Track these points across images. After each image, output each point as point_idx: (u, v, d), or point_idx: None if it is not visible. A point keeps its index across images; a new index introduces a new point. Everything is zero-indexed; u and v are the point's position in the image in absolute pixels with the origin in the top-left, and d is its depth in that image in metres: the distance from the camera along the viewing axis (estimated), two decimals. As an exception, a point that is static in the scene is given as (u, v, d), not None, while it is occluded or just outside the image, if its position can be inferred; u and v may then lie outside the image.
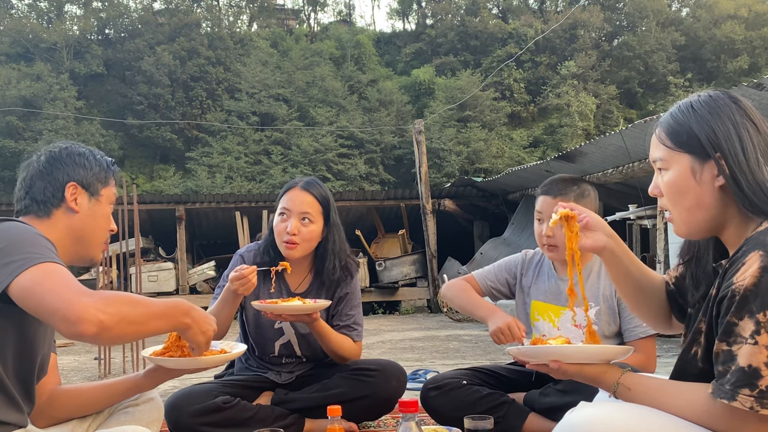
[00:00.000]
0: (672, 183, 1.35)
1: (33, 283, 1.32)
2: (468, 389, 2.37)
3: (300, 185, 2.51)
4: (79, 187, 1.66)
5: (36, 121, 20.60)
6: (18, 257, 1.36)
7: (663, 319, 1.58)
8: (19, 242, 1.40)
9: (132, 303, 1.37)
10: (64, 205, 1.64)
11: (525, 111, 24.86)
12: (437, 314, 10.68)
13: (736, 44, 25.17)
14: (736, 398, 1.15)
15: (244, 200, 11.69)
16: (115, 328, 1.30)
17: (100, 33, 25.31)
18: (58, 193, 1.64)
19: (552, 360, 1.39)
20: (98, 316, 1.27)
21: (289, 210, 2.46)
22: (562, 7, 28.39)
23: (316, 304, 2.34)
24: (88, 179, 1.68)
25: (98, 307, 1.28)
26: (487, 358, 5.24)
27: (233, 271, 2.27)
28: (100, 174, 1.72)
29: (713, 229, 1.36)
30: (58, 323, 1.29)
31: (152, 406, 1.87)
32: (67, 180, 1.65)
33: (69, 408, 1.76)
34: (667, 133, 1.37)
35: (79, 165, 1.68)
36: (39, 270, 1.34)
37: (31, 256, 1.37)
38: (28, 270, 1.34)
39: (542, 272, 2.53)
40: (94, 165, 1.71)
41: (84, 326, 1.26)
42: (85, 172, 1.68)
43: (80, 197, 1.66)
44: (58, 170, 1.66)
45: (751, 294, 1.16)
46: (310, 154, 21.09)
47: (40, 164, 1.67)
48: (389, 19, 39.20)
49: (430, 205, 11.54)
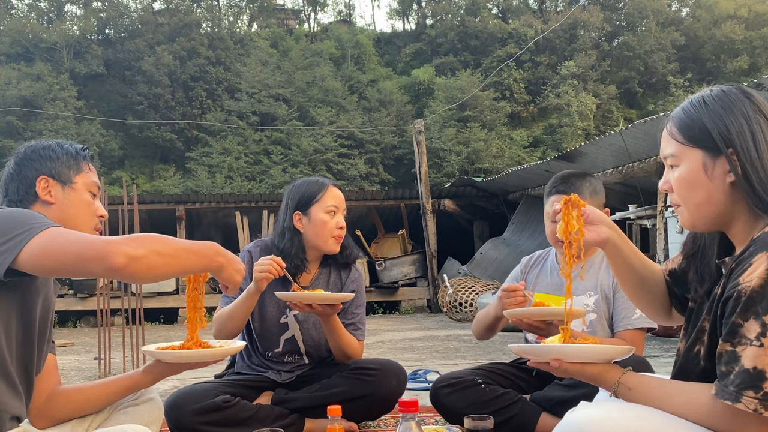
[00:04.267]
0: (683, 178, 1.34)
1: (46, 244, 1.36)
2: (483, 388, 2.38)
3: (331, 183, 2.60)
4: (51, 180, 1.68)
5: (36, 121, 20.59)
6: (20, 230, 1.38)
7: (663, 311, 1.58)
8: (16, 218, 1.42)
9: (161, 238, 1.42)
10: (39, 200, 1.66)
11: (525, 111, 24.85)
12: (437, 314, 10.67)
13: (736, 44, 25.16)
14: (740, 400, 1.15)
15: (244, 200, 11.69)
16: (144, 258, 1.35)
17: (100, 33, 25.29)
18: (30, 189, 1.66)
19: (553, 358, 1.38)
20: (124, 248, 1.33)
21: (337, 207, 2.54)
22: (562, 7, 28.39)
23: (342, 294, 2.39)
24: (56, 170, 1.69)
25: (123, 241, 1.34)
26: (487, 357, 5.24)
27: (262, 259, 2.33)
28: (69, 162, 1.72)
29: (721, 224, 1.35)
30: (88, 264, 1.33)
31: (152, 405, 1.87)
32: (36, 175, 1.67)
33: (68, 408, 1.76)
34: (679, 128, 1.36)
35: (45, 158, 1.70)
36: (47, 234, 1.38)
37: (33, 226, 1.39)
38: (35, 237, 1.37)
39: (545, 267, 2.57)
40: (61, 154, 1.72)
41: (114, 258, 1.31)
42: (52, 163, 1.69)
43: (53, 189, 1.68)
44: (26, 167, 1.68)
45: (758, 296, 1.15)
46: (310, 154, 21.09)
47: (10, 167, 1.70)
48: (389, 19, 39.25)
49: (430, 205, 11.54)
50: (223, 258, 1.53)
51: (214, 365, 2.07)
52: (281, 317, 2.56)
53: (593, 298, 2.40)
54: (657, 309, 1.58)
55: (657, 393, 1.30)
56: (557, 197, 2.37)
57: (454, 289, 9.28)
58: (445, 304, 9.46)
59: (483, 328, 2.46)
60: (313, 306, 2.32)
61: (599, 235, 1.47)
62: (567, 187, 2.35)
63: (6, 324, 1.48)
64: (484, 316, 2.45)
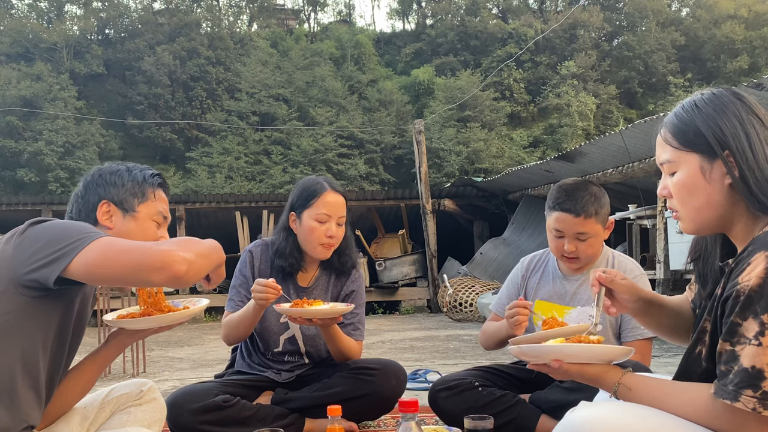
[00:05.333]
0: (682, 183, 1.34)
1: (99, 253, 1.37)
2: (481, 390, 2.37)
3: (330, 188, 2.53)
4: (113, 205, 1.67)
5: (36, 121, 20.59)
6: (71, 239, 1.39)
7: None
8: (69, 228, 1.44)
9: (194, 241, 1.47)
10: (98, 225, 1.66)
11: (525, 111, 24.86)
12: (437, 314, 10.67)
13: (736, 44, 25.17)
14: (738, 399, 1.15)
15: (244, 200, 11.69)
16: (196, 262, 1.40)
17: (100, 33, 25.31)
18: (91, 213, 1.66)
19: (553, 359, 1.38)
20: (182, 255, 1.37)
21: (330, 216, 2.49)
22: (562, 7, 28.40)
23: (341, 308, 2.36)
24: (120, 196, 1.68)
25: (175, 249, 1.38)
26: (487, 358, 5.24)
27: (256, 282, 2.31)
28: (134, 189, 1.70)
29: (722, 226, 1.35)
30: (147, 274, 1.36)
31: (154, 406, 1.86)
32: (99, 199, 1.67)
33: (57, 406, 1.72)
34: (673, 134, 1.36)
35: (110, 183, 1.69)
36: (100, 243, 1.39)
37: (86, 236, 1.40)
38: (88, 246, 1.38)
39: (546, 273, 2.53)
40: (127, 181, 1.71)
41: (176, 267, 1.36)
42: (116, 189, 1.69)
43: (114, 215, 1.67)
44: (91, 190, 1.69)
45: (756, 295, 1.16)
46: (310, 154, 21.10)
47: (78, 188, 1.71)
48: (389, 19, 39.25)
49: (430, 205, 11.53)
50: (223, 253, 1.58)
51: (214, 366, 2.06)
52: (281, 317, 2.57)
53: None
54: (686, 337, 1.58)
55: (657, 393, 1.30)
56: (563, 215, 2.31)
57: (454, 289, 9.28)
58: (445, 304, 9.46)
59: (493, 343, 2.44)
60: (313, 320, 2.33)
61: (620, 309, 1.57)
62: (573, 206, 2.28)
63: (45, 334, 1.48)
64: (496, 332, 2.41)
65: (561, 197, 2.33)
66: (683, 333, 1.57)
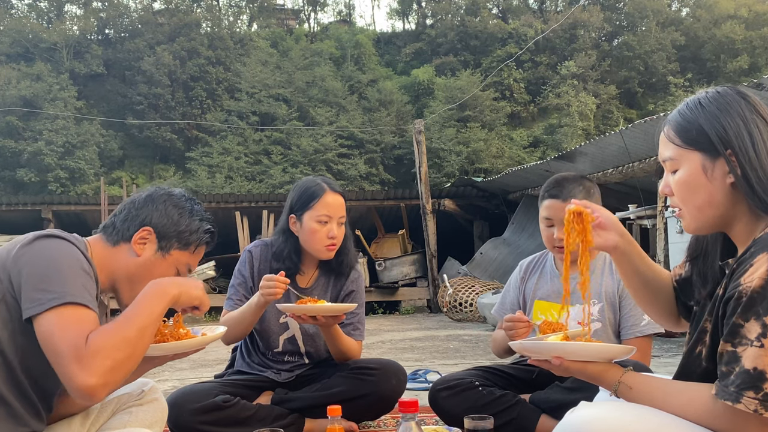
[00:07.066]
0: (683, 181, 1.34)
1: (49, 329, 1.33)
2: (481, 390, 2.37)
3: (329, 188, 2.52)
4: (153, 234, 1.63)
5: (36, 121, 20.59)
6: (52, 290, 1.36)
7: (673, 317, 1.58)
8: (57, 270, 1.39)
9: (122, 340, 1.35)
10: (128, 244, 1.62)
11: (525, 111, 24.87)
12: (437, 314, 10.67)
13: (736, 44, 25.18)
14: (740, 400, 1.15)
15: (244, 200, 11.70)
16: (119, 370, 1.33)
17: (100, 33, 25.32)
18: (132, 230, 1.62)
19: (554, 356, 1.38)
20: (99, 381, 1.30)
21: (330, 216, 2.48)
22: (562, 7, 28.41)
23: (345, 305, 2.36)
24: (166, 232, 1.64)
25: (96, 375, 1.30)
26: (487, 358, 5.24)
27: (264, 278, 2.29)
28: (182, 234, 1.65)
29: (723, 225, 1.35)
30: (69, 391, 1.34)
31: (156, 406, 1.85)
32: (146, 222, 1.63)
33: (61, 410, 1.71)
34: (676, 131, 1.35)
35: (165, 214, 1.64)
36: (57, 315, 1.34)
37: (63, 292, 1.36)
38: (52, 310, 1.34)
39: (545, 273, 2.53)
40: (181, 223, 1.65)
41: (96, 395, 1.31)
42: (169, 224, 1.64)
43: (149, 245, 1.62)
44: (145, 209, 1.64)
45: (758, 296, 1.15)
46: (310, 154, 21.10)
47: (139, 198, 1.66)
48: (389, 19, 39.32)
49: (430, 205, 11.53)
50: (174, 287, 1.48)
51: (214, 366, 2.06)
52: (281, 317, 2.57)
53: (597, 306, 2.37)
54: (666, 315, 1.58)
55: (658, 393, 1.30)
56: (550, 201, 2.34)
57: (454, 289, 9.28)
58: (445, 304, 9.46)
59: (503, 351, 2.45)
60: (317, 318, 2.33)
61: (606, 241, 1.47)
62: (560, 192, 2.32)
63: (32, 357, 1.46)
64: (503, 342, 2.41)
65: (550, 186, 2.38)
66: (652, 300, 1.55)
